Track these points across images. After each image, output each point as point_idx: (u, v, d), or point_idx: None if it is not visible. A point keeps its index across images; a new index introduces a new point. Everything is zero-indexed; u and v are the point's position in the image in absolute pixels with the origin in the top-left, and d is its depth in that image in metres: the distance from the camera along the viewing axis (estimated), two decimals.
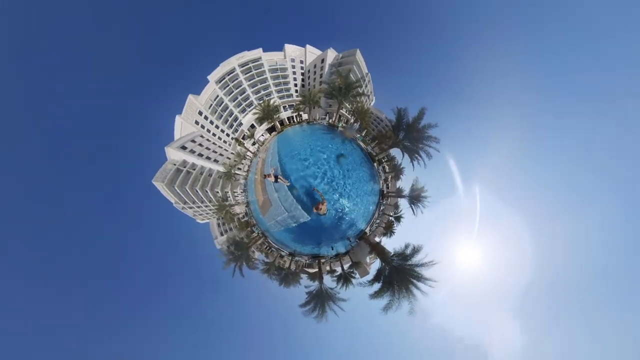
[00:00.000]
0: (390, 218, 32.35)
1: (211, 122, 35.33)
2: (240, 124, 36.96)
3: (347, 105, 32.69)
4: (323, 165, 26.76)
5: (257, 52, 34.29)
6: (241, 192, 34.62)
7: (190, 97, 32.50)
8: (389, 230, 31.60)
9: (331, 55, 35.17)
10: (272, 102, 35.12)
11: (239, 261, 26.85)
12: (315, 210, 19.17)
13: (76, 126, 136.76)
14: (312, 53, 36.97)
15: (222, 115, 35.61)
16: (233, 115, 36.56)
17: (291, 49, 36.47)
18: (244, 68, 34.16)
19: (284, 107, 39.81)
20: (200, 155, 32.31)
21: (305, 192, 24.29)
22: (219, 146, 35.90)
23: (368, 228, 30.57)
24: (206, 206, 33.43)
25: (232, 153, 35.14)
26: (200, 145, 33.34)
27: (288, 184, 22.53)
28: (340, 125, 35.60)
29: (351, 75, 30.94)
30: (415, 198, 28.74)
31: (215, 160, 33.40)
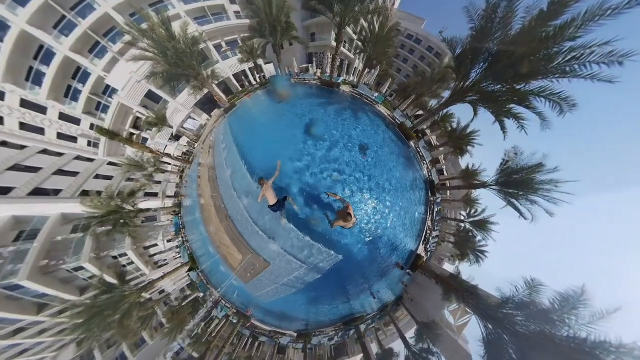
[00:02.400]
0: (464, 225, 18.43)
1: None
2: (112, 92, 15.46)
3: (351, 26, 15.60)
4: (330, 147, 13.01)
5: None
6: (173, 245, 16.20)
7: None
8: (467, 250, 17.69)
9: None
10: (184, 26, 14.13)
11: None
12: (340, 223, 7.70)
13: None
14: None
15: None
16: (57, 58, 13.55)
17: None
18: None
19: (219, 50, 19.39)
20: None
21: (316, 207, 11.41)
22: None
23: (422, 247, 16.93)
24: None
25: (121, 163, 15.50)
26: None
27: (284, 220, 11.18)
28: (342, 80, 18.80)
29: None
30: (519, 186, 14.75)
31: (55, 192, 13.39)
